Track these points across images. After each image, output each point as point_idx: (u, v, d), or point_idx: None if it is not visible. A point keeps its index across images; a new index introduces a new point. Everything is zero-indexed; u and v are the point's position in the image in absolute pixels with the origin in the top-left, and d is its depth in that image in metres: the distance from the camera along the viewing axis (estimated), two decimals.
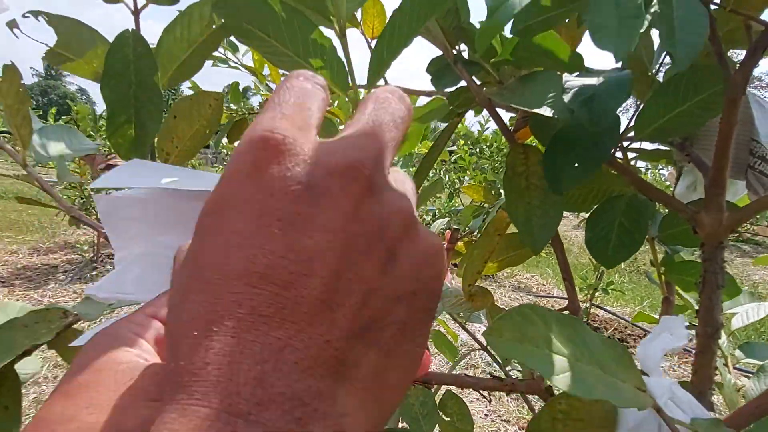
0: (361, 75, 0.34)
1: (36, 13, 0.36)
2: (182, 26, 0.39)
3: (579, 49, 0.44)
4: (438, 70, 0.42)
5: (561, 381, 0.23)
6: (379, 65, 0.31)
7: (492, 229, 0.45)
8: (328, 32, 0.34)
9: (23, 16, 0.36)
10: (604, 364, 0.25)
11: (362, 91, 0.39)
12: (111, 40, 0.38)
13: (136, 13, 0.41)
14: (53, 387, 0.16)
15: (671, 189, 0.50)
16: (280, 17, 0.28)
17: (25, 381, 0.40)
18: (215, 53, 0.91)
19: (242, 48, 0.93)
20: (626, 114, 0.42)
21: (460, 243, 0.78)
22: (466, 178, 3.30)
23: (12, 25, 0.38)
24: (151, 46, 0.39)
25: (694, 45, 0.24)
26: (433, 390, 0.58)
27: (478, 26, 0.39)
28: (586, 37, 0.44)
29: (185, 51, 0.40)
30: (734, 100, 0.31)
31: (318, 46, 0.30)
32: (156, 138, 0.41)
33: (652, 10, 0.25)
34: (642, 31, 0.24)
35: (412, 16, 0.28)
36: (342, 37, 0.33)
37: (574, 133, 0.36)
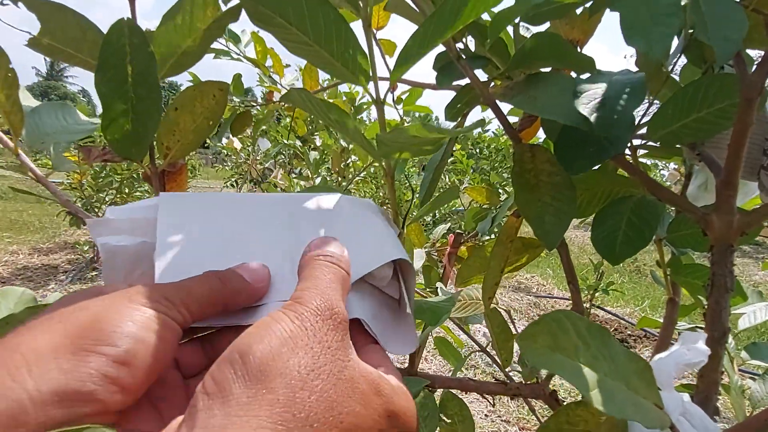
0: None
1: None
2: (183, 12, 0.36)
3: (590, 42, 0.43)
4: (443, 66, 0.40)
5: (595, 398, 0.23)
6: (405, 61, 0.30)
7: (504, 237, 0.44)
8: (353, 22, 0.33)
9: (2, 3, 0.34)
10: (629, 379, 0.25)
11: (383, 84, 0.38)
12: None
13: None
14: None
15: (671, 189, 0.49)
16: (304, 4, 0.27)
17: None
18: (217, 45, 0.88)
19: (244, 39, 0.91)
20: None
21: (463, 248, 0.77)
22: (466, 179, 3.30)
23: None
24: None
25: (733, 40, 0.23)
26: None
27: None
28: (597, 31, 0.43)
29: (186, 39, 0.37)
30: (750, 101, 0.30)
31: (342, 37, 0.28)
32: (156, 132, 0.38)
33: (682, 3, 0.24)
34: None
35: (450, 16, 0.27)
36: (368, 27, 0.31)
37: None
